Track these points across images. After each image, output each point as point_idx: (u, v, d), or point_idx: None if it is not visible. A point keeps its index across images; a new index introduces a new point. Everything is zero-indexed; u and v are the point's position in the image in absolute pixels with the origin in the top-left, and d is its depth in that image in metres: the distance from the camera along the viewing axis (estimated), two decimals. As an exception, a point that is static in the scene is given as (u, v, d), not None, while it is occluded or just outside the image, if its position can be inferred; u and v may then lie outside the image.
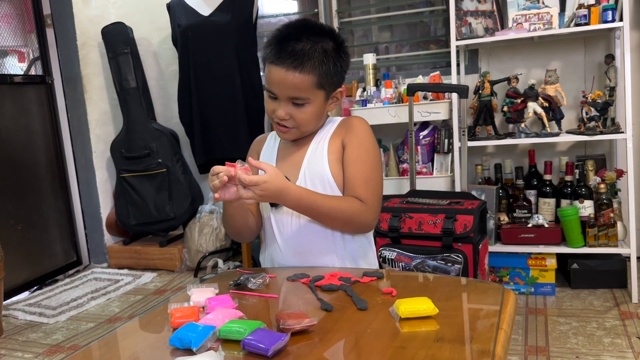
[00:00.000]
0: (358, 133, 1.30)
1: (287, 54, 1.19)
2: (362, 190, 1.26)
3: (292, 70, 1.19)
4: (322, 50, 1.22)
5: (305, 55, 1.19)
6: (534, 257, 2.51)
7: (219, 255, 3.24)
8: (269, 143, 1.41)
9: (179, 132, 3.41)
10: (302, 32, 1.22)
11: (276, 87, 1.23)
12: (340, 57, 1.25)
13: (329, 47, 1.23)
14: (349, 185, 1.27)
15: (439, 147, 2.72)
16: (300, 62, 1.19)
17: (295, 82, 1.20)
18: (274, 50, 1.22)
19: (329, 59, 1.22)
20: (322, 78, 1.22)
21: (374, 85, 2.86)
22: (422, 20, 3.22)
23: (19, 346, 2.39)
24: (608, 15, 2.33)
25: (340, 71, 1.26)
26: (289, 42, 1.21)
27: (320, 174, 1.28)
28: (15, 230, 3.10)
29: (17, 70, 3.27)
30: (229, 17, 2.98)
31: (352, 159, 1.28)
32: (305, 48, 1.20)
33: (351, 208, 1.24)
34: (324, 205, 1.22)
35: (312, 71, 1.20)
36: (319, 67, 1.21)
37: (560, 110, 2.52)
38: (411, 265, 2.03)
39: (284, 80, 1.21)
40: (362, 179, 1.27)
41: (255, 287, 1.13)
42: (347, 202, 1.25)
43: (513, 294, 1.03)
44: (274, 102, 1.26)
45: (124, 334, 1.04)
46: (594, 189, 2.47)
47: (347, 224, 1.28)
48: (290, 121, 1.26)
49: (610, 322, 2.17)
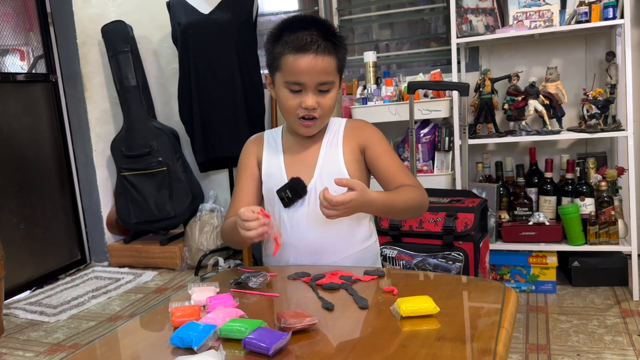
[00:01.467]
0: (374, 133, 1.36)
1: (309, 42, 1.21)
2: (405, 177, 1.31)
3: (321, 54, 1.22)
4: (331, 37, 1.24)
5: (326, 40, 1.23)
6: (534, 255, 2.51)
7: (219, 253, 3.24)
8: (269, 143, 1.39)
9: (179, 131, 3.40)
10: (308, 25, 1.24)
11: (305, 75, 1.23)
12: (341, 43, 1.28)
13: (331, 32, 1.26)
14: (389, 176, 1.32)
15: (440, 145, 2.72)
16: (324, 46, 1.22)
17: (324, 66, 1.23)
18: (293, 42, 1.22)
19: (337, 44, 1.25)
20: (340, 62, 1.27)
21: (374, 83, 2.85)
22: (423, 18, 3.21)
23: (20, 345, 2.39)
24: (609, 12, 2.33)
25: (344, 51, 1.29)
26: (303, 32, 1.22)
27: (336, 174, 1.29)
28: (18, 228, 3.10)
29: (17, 69, 3.27)
30: (229, 15, 2.97)
31: (379, 153, 1.33)
32: (319, 36, 1.23)
33: (416, 195, 1.29)
34: (401, 202, 1.26)
35: (334, 54, 1.24)
36: (338, 51, 1.25)
37: (561, 108, 2.52)
38: (412, 264, 2.03)
39: (314, 67, 1.22)
40: (399, 167, 1.33)
41: (256, 285, 1.13)
42: (409, 191, 1.28)
43: (514, 293, 1.03)
44: (297, 96, 1.26)
45: (124, 332, 1.04)
46: (595, 187, 2.46)
47: (418, 210, 1.32)
48: (318, 110, 1.27)
49: (611, 320, 2.17)
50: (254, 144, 1.42)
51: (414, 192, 1.28)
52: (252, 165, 1.39)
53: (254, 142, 1.42)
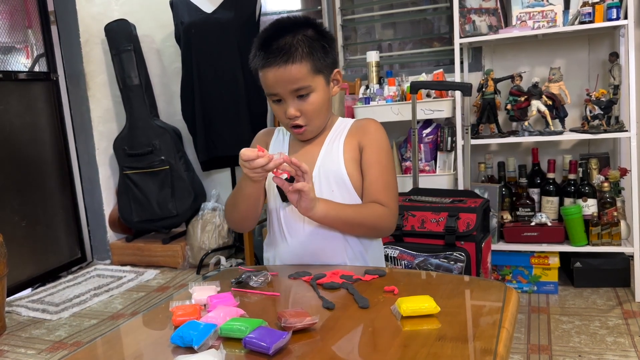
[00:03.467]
0: (376, 136, 1.31)
1: (273, 52, 1.20)
2: (383, 195, 1.27)
3: (284, 64, 1.20)
4: (305, 37, 1.22)
5: (291, 46, 1.20)
6: (536, 256, 2.50)
7: (221, 252, 3.24)
8: (278, 137, 1.40)
9: (181, 130, 3.41)
10: (280, 31, 1.23)
11: (276, 86, 1.23)
12: (323, 37, 1.26)
13: (309, 33, 1.24)
14: (370, 189, 1.28)
15: (442, 145, 2.72)
16: (289, 53, 1.20)
17: (292, 74, 1.20)
18: (260, 56, 1.22)
19: (314, 42, 1.23)
20: (315, 62, 1.23)
21: (377, 82, 2.85)
22: (426, 18, 3.21)
23: (22, 342, 2.39)
24: (612, 13, 2.32)
25: (329, 50, 1.26)
26: (270, 43, 1.21)
27: (335, 172, 1.28)
28: (20, 226, 3.10)
29: (19, 67, 3.27)
30: (232, 14, 2.97)
31: (371, 162, 1.29)
32: (289, 41, 1.21)
33: (375, 214, 1.25)
34: (350, 215, 1.24)
35: (303, 58, 1.21)
36: (309, 53, 1.22)
37: (564, 109, 2.51)
38: (414, 264, 2.03)
39: (281, 77, 1.21)
40: (383, 183, 1.28)
41: (257, 285, 1.13)
42: (370, 208, 1.26)
43: (515, 293, 1.03)
44: (280, 106, 1.26)
45: (126, 331, 1.04)
46: (597, 188, 2.46)
47: (371, 230, 1.30)
48: (302, 118, 1.26)
49: (613, 321, 2.16)
50: (264, 135, 1.43)
51: (373, 211, 1.25)
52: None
53: (264, 133, 1.44)
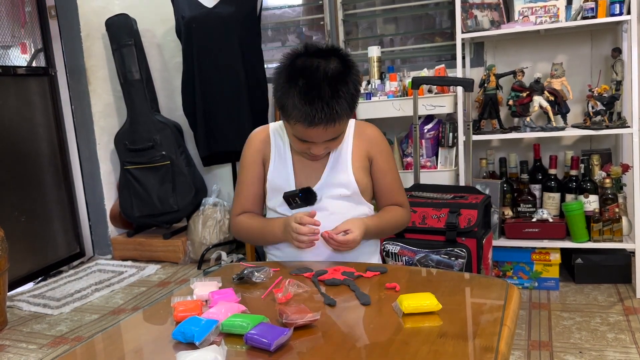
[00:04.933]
0: (382, 145, 1.42)
1: (318, 115, 1.16)
2: (399, 196, 1.44)
3: (331, 124, 1.20)
4: (342, 83, 1.18)
5: (332, 108, 1.17)
6: (538, 252, 2.50)
7: (222, 247, 3.24)
8: (277, 145, 1.39)
9: (182, 125, 3.40)
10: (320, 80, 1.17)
11: (315, 138, 1.24)
12: (353, 71, 1.22)
13: (340, 69, 1.19)
14: (387, 193, 1.43)
15: (444, 141, 2.71)
16: (333, 117, 1.18)
17: (336, 131, 1.24)
18: (304, 116, 1.18)
19: (348, 89, 1.19)
20: (350, 109, 1.23)
21: (378, 78, 2.84)
22: (428, 13, 3.20)
23: (23, 337, 2.40)
24: (615, 8, 2.31)
25: (357, 86, 1.23)
26: (311, 99, 1.16)
27: (344, 180, 1.35)
28: (19, 221, 3.11)
29: (19, 62, 3.27)
30: (232, 8, 2.96)
31: (385, 170, 1.41)
32: (330, 101, 1.16)
33: (400, 217, 1.43)
34: (390, 226, 1.43)
35: (344, 115, 1.21)
36: (348, 108, 1.21)
37: (566, 104, 2.50)
38: (414, 260, 2.03)
39: (324, 135, 1.22)
40: (397, 186, 1.44)
41: (259, 280, 1.13)
42: (395, 212, 1.42)
43: (517, 290, 1.03)
44: (305, 144, 1.27)
45: (127, 326, 1.04)
46: (599, 184, 2.45)
47: (399, 229, 1.48)
48: (326, 150, 1.30)
49: (614, 318, 2.16)
50: (261, 142, 1.40)
51: (401, 214, 1.43)
52: (258, 162, 1.40)
53: (258, 141, 1.41)
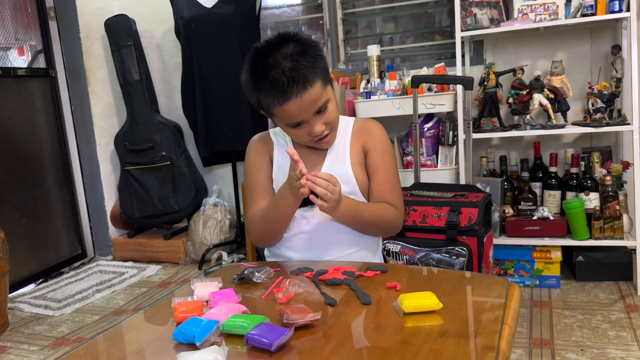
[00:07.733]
0: (380, 139, 1.36)
1: (286, 85, 1.17)
2: (391, 196, 1.34)
3: (303, 91, 1.18)
4: (302, 57, 1.19)
5: (296, 71, 1.18)
6: (539, 250, 2.50)
7: (223, 247, 3.24)
8: (279, 143, 1.39)
9: (182, 125, 3.40)
10: (276, 56, 1.18)
11: (300, 114, 1.22)
12: (310, 46, 1.23)
13: (298, 49, 1.20)
14: (378, 191, 1.34)
15: (444, 140, 2.71)
16: (302, 79, 1.18)
17: (312, 97, 1.20)
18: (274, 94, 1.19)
19: (307, 57, 1.20)
20: (321, 74, 1.22)
21: (378, 77, 2.84)
22: (427, 11, 3.19)
23: (25, 339, 2.40)
24: (615, 5, 2.31)
25: (320, 58, 1.24)
26: (275, 74, 1.18)
27: (343, 175, 1.30)
28: (20, 222, 3.11)
29: (19, 63, 3.27)
30: (232, 8, 2.96)
31: (378, 165, 1.34)
32: (293, 65, 1.18)
33: (388, 214, 1.32)
34: (368, 211, 1.31)
35: (314, 78, 1.20)
36: (315, 67, 1.20)
37: (566, 102, 2.50)
38: (415, 258, 2.03)
39: (303, 104, 1.20)
40: (390, 184, 1.35)
41: (260, 281, 1.13)
42: (383, 208, 1.32)
43: (518, 289, 1.03)
44: (302, 128, 1.26)
45: (128, 327, 1.04)
46: (599, 181, 2.45)
47: (383, 230, 1.37)
48: (327, 127, 1.27)
49: (616, 315, 2.16)
50: (262, 144, 1.41)
51: (386, 211, 1.32)
52: (266, 162, 1.39)
53: (261, 142, 1.42)
